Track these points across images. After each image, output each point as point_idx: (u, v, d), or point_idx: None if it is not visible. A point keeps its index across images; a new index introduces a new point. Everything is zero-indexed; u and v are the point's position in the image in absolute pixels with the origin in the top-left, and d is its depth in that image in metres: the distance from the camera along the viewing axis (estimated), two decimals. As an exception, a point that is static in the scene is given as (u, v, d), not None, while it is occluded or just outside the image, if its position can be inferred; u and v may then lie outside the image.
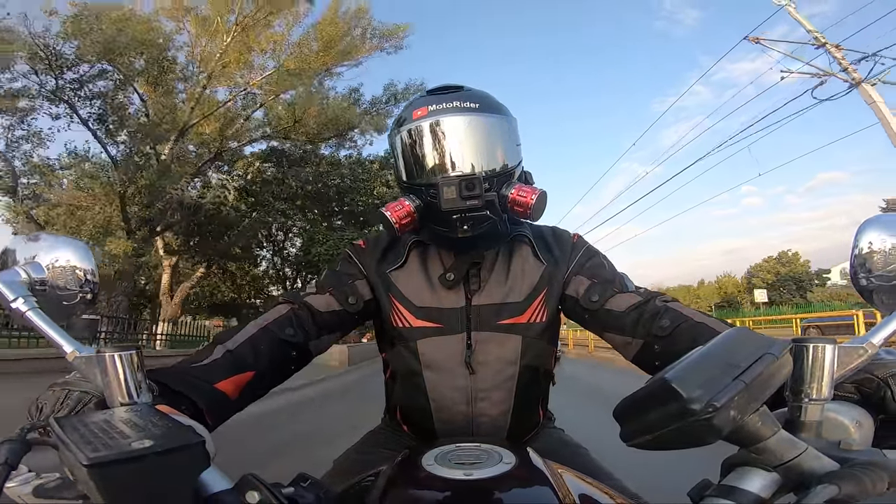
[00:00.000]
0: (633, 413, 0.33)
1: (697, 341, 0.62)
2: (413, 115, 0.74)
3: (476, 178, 0.68)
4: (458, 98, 0.73)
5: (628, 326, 0.72)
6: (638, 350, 0.71)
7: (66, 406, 0.43)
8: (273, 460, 2.88)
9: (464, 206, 0.68)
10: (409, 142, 0.75)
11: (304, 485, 0.35)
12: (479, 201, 0.68)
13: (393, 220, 0.71)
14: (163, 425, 0.32)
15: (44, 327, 0.47)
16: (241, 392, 0.60)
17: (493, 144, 0.75)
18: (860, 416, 0.39)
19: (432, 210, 0.72)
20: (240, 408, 0.62)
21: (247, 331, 0.67)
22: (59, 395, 0.44)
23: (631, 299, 0.74)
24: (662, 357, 0.67)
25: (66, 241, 0.55)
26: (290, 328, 0.70)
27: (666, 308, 0.70)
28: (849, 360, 0.40)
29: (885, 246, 0.48)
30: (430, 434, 0.81)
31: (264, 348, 0.66)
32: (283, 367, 0.69)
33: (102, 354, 0.41)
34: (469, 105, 0.73)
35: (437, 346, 0.77)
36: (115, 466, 0.26)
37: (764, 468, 0.33)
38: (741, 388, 0.29)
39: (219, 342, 0.65)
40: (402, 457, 0.54)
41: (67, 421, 0.32)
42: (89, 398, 0.44)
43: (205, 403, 0.53)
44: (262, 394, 0.66)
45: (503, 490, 0.43)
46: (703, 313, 0.68)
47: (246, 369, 0.62)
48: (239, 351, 0.63)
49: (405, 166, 0.77)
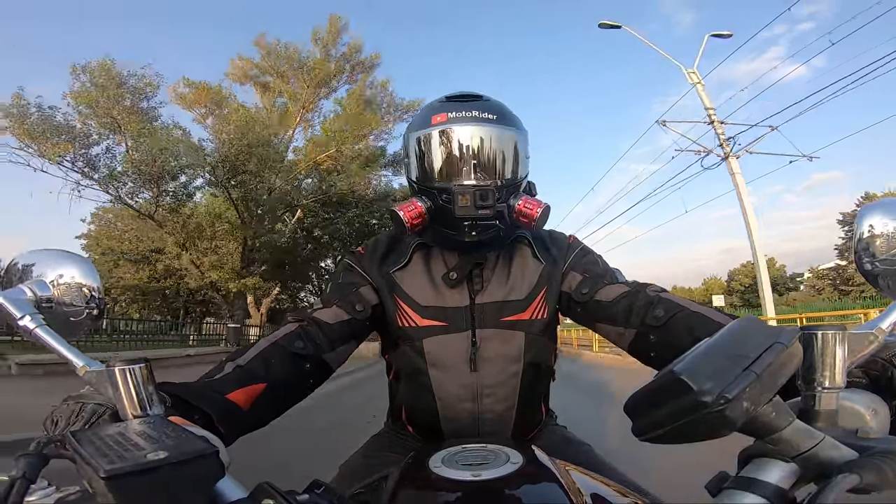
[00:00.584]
0: (644, 407, 0.33)
1: (694, 331, 0.62)
2: (432, 119, 0.76)
3: (490, 190, 0.70)
4: (476, 108, 0.75)
5: (620, 316, 0.73)
6: (632, 340, 0.72)
7: (81, 419, 0.43)
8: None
9: (476, 215, 0.71)
10: (426, 146, 0.77)
11: (318, 491, 0.35)
12: (490, 211, 0.70)
13: (405, 220, 0.73)
14: (176, 436, 0.32)
15: (53, 344, 0.47)
16: (253, 404, 0.60)
17: (506, 156, 0.77)
18: (875, 404, 0.39)
19: (443, 213, 0.74)
20: (257, 422, 0.61)
21: (257, 347, 0.68)
22: (73, 409, 0.44)
23: (620, 289, 0.75)
24: (659, 347, 0.68)
25: (69, 258, 0.56)
26: (300, 342, 0.70)
27: (659, 298, 0.71)
28: (859, 346, 0.40)
29: (887, 229, 0.48)
30: (435, 434, 0.82)
31: (275, 362, 0.66)
32: (298, 381, 0.69)
33: (113, 368, 0.41)
34: (487, 116, 0.75)
35: (442, 344, 0.79)
36: (131, 478, 0.27)
37: (782, 459, 0.33)
38: (753, 379, 0.28)
39: (229, 360, 0.65)
40: (409, 459, 0.54)
41: (83, 434, 0.32)
42: (104, 410, 0.44)
43: (216, 413, 0.53)
44: (281, 409, 0.66)
45: (512, 489, 0.43)
46: (697, 303, 0.69)
47: (257, 381, 0.62)
48: (249, 366, 0.63)
49: (419, 168, 0.78)
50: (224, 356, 0.68)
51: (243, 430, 0.58)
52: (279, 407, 0.66)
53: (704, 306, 0.68)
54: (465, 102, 0.77)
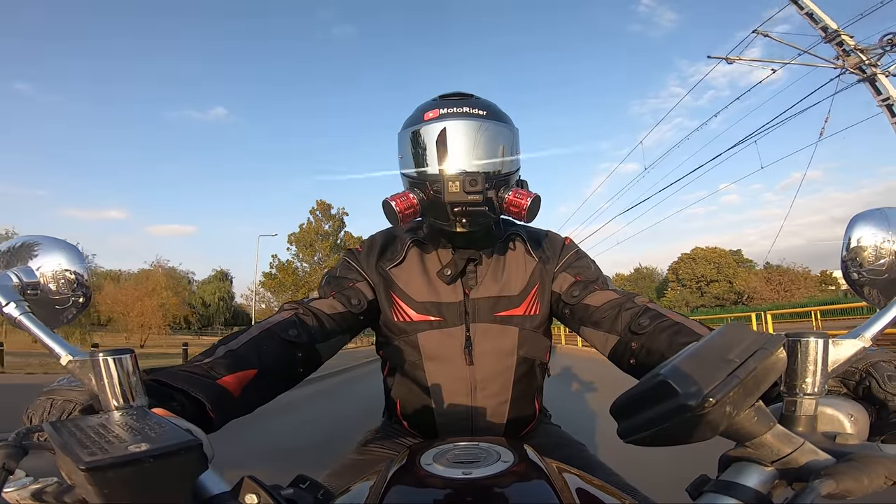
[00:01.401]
0: (630, 410, 0.33)
1: (674, 340, 0.64)
2: (424, 116, 0.78)
3: (479, 175, 0.72)
4: (467, 104, 0.78)
5: (605, 322, 0.75)
6: (614, 346, 0.74)
7: (52, 416, 0.43)
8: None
9: (466, 200, 0.72)
10: (419, 140, 0.78)
11: (303, 486, 0.35)
12: (480, 197, 0.71)
13: (397, 210, 0.74)
14: (159, 428, 0.32)
15: (37, 332, 0.46)
16: (243, 390, 0.60)
17: (496, 149, 0.78)
18: (854, 410, 0.40)
19: (435, 204, 0.75)
20: (245, 408, 0.61)
21: (250, 332, 0.68)
22: (45, 405, 0.44)
23: (609, 296, 0.77)
24: (639, 354, 0.69)
25: (56, 244, 0.54)
26: (294, 329, 0.71)
27: (645, 308, 0.72)
28: (842, 354, 0.41)
29: (876, 241, 0.48)
30: (429, 428, 0.83)
31: (267, 348, 0.66)
32: (288, 368, 0.69)
33: (97, 358, 0.41)
34: (477, 112, 0.77)
35: (437, 338, 0.80)
36: (111, 470, 0.26)
37: (761, 463, 0.33)
38: (736, 384, 0.29)
39: (221, 343, 0.65)
40: (401, 457, 0.54)
41: (63, 425, 0.31)
42: (73, 406, 0.44)
43: (207, 398, 0.53)
44: (269, 396, 0.66)
45: (502, 488, 0.43)
46: (680, 314, 0.71)
47: (248, 367, 0.62)
48: (241, 350, 0.63)
49: (413, 162, 0.80)
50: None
51: (233, 416, 0.58)
52: (267, 394, 0.66)
53: (686, 317, 0.70)
54: (457, 100, 0.80)
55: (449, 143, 0.76)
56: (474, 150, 0.76)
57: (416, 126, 0.78)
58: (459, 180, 0.71)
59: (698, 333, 0.63)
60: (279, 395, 0.68)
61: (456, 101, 0.79)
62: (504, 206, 0.76)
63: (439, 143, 0.76)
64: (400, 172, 0.84)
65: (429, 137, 0.77)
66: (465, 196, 0.71)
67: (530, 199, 0.75)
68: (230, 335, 0.67)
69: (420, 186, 0.78)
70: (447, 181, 0.72)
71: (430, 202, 0.76)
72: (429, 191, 0.76)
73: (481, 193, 0.71)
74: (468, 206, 0.72)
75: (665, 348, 0.64)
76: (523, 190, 0.77)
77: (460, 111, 0.77)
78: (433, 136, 0.77)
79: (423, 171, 0.78)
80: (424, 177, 0.77)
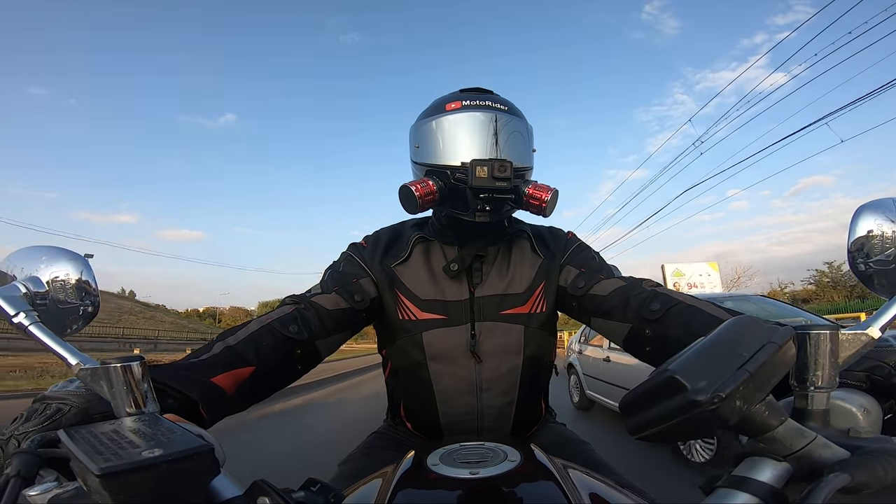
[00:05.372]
0: (639, 406, 0.33)
1: (690, 325, 0.62)
2: (446, 107, 0.79)
3: (507, 162, 0.71)
4: (489, 98, 0.79)
5: (615, 310, 0.73)
6: (627, 334, 0.71)
7: (45, 422, 0.42)
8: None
9: (493, 186, 0.71)
10: (441, 129, 0.78)
11: (313, 489, 0.35)
12: (507, 184, 0.71)
13: (417, 195, 0.74)
14: (171, 434, 0.32)
15: (47, 341, 0.47)
16: (238, 388, 0.58)
17: (517, 142, 0.79)
18: (867, 404, 0.39)
19: (455, 193, 0.75)
20: (240, 406, 0.60)
21: (249, 328, 0.66)
22: (38, 409, 0.44)
23: (616, 283, 0.75)
24: (654, 341, 0.67)
25: (64, 254, 0.55)
26: (294, 325, 0.69)
27: (655, 292, 0.70)
28: (852, 347, 0.40)
29: (882, 230, 0.48)
30: (434, 429, 0.81)
31: (266, 345, 0.64)
32: (287, 365, 0.67)
33: (108, 366, 0.41)
34: (499, 106, 0.78)
35: (442, 337, 0.79)
36: (126, 475, 0.26)
37: (774, 458, 0.33)
38: (746, 378, 0.28)
39: (220, 339, 0.63)
40: (408, 457, 0.54)
41: (77, 432, 0.32)
42: (69, 409, 0.43)
43: (199, 397, 0.51)
44: (265, 393, 0.64)
45: (510, 487, 0.43)
46: (693, 297, 0.68)
47: (245, 365, 0.60)
48: (239, 347, 0.61)
49: (434, 150, 0.79)
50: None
51: (226, 414, 0.57)
52: (264, 392, 0.64)
53: (700, 300, 0.67)
54: (478, 94, 0.81)
55: (472, 131, 0.77)
56: (497, 139, 0.77)
57: (438, 115, 0.79)
58: (488, 165, 0.71)
59: (713, 315, 0.62)
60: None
61: (478, 94, 0.80)
62: (524, 198, 0.76)
63: (462, 131, 0.77)
64: (414, 162, 0.83)
65: (453, 126, 0.77)
66: (493, 182, 0.71)
67: (550, 193, 0.75)
68: (230, 329, 0.66)
69: (440, 175, 0.77)
70: (475, 166, 0.71)
71: (449, 190, 0.76)
72: (449, 179, 0.76)
73: (509, 180, 0.71)
74: (495, 193, 0.72)
75: (681, 334, 0.62)
76: (543, 184, 0.77)
77: (483, 103, 0.78)
78: (458, 125, 0.77)
79: (445, 159, 0.78)
80: (446, 165, 0.77)
